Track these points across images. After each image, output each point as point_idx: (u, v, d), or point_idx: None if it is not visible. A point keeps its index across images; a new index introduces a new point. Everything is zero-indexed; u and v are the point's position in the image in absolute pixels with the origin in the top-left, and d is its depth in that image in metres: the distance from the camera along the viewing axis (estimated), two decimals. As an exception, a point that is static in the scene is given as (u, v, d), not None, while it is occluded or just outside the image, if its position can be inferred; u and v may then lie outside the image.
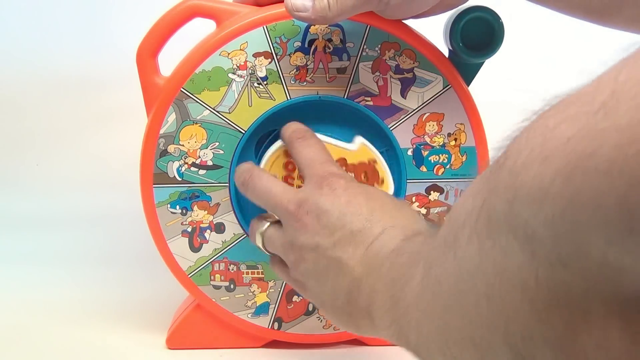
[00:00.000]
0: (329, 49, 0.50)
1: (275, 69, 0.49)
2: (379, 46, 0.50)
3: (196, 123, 0.50)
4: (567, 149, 0.20)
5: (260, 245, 0.46)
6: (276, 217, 0.45)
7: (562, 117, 0.21)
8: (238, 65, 0.49)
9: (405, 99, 0.51)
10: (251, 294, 0.53)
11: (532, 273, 0.22)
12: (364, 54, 0.50)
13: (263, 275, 0.53)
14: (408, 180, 0.52)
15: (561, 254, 0.21)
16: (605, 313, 0.22)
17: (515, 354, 0.24)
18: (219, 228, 0.52)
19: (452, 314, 0.27)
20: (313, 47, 0.50)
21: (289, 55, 0.49)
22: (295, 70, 0.50)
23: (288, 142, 0.47)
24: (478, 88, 0.52)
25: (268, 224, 0.45)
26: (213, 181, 0.51)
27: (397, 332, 0.34)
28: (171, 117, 0.50)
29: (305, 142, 0.46)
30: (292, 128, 0.48)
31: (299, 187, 0.46)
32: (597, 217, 0.19)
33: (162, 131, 0.50)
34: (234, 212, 0.52)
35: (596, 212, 0.19)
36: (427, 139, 0.51)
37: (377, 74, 0.50)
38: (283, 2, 0.46)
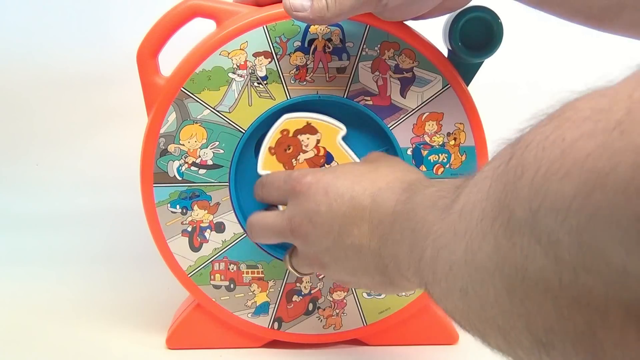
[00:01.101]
0: (329, 48, 0.50)
1: (275, 69, 0.50)
2: (379, 46, 0.50)
3: (196, 122, 0.50)
4: (586, 167, 0.21)
5: (296, 274, 0.49)
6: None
7: (579, 133, 0.22)
8: (238, 64, 0.49)
9: (404, 98, 0.51)
10: (251, 293, 0.53)
11: (556, 275, 0.23)
12: (363, 53, 0.50)
13: (263, 275, 0.53)
14: (408, 180, 0.52)
15: (585, 261, 0.22)
16: (624, 317, 0.22)
17: (537, 341, 0.25)
18: (219, 227, 0.52)
19: (471, 298, 0.29)
20: (313, 46, 0.50)
21: (289, 54, 0.50)
22: (295, 69, 0.50)
23: (260, 199, 0.50)
24: (477, 88, 0.52)
25: (287, 255, 0.49)
26: (213, 180, 0.51)
27: (427, 290, 0.36)
28: (171, 117, 0.50)
29: (263, 184, 0.49)
30: (255, 184, 0.51)
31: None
32: (616, 232, 0.20)
33: (162, 131, 0.50)
34: (234, 212, 0.52)
35: (616, 227, 0.20)
36: (427, 139, 0.52)
37: (377, 73, 0.50)
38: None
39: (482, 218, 0.27)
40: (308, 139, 0.50)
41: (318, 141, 0.51)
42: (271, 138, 0.50)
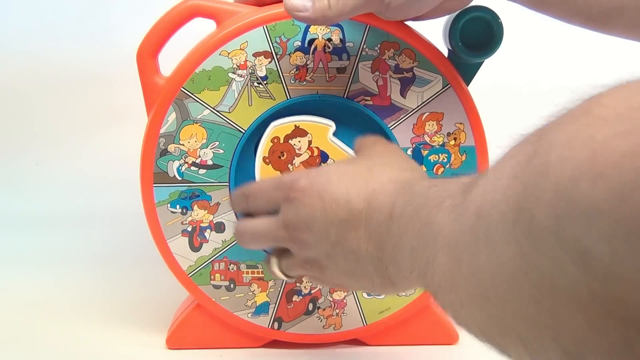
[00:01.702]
0: (329, 48, 0.50)
1: (275, 69, 0.50)
2: (379, 46, 0.50)
3: (196, 122, 0.50)
4: (622, 168, 0.20)
5: (283, 277, 0.47)
6: (280, 247, 0.46)
7: (613, 132, 0.20)
8: (238, 64, 0.49)
9: (404, 98, 0.51)
10: (251, 293, 0.53)
11: (586, 286, 0.22)
12: (363, 53, 0.50)
13: (263, 275, 0.53)
14: (408, 180, 0.52)
15: (618, 270, 0.21)
16: None
17: (566, 354, 0.24)
18: (219, 227, 0.52)
19: (492, 305, 0.27)
20: (313, 46, 0.50)
21: (289, 54, 0.50)
22: (295, 69, 0.50)
23: (244, 210, 0.49)
24: (477, 88, 0.52)
25: (274, 258, 0.47)
26: (213, 180, 0.51)
27: (433, 294, 0.34)
28: (171, 117, 0.50)
29: (247, 195, 0.48)
30: (234, 196, 0.49)
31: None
32: None
33: (162, 130, 0.50)
34: (234, 212, 0.52)
35: None
36: (427, 139, 0.52)
37: (377, 73, 0.50)
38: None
39: (501, 221, 0.25)
40: (299, 142, 0.51)
41: (310, 142, 0.51)
42: (263, 148, 0.50)
